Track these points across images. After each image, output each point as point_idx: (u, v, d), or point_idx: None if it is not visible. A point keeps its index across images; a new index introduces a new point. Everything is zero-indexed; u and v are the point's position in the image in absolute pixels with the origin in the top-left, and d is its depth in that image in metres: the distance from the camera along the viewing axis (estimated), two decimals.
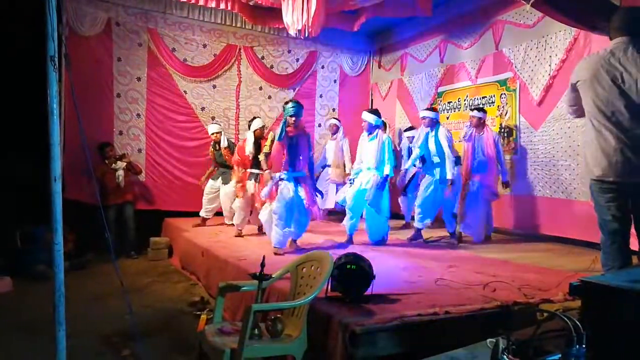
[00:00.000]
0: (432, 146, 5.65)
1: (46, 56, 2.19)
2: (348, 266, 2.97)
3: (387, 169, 5.26)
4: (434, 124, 5.70)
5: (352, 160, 6.52)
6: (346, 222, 5.45)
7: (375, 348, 2.50)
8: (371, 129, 5.42)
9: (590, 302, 1.27)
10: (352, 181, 5.48)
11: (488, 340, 1.12)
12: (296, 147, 4.84)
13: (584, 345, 1.13)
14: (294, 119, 4.82)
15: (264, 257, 2.71)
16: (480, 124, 5.64)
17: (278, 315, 2.69)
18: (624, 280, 1.21)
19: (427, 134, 5.72)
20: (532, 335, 1.26)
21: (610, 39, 2.86)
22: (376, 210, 5.27)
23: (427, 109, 6.10)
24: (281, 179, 4.79)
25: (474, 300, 3.02)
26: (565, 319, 1.20)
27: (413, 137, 6.43)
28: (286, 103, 5.02)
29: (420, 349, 2.51)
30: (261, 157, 5.22)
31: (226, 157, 6.56)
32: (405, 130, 7.18)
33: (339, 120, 7.55)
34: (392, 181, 6.12)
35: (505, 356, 1.20)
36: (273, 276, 2.86)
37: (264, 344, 2.49)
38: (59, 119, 6.11)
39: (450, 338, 2.51)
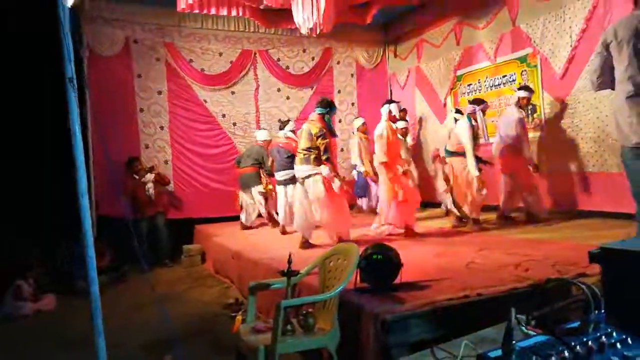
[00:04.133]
0: None
1: (65, 78, 2.27)
2: (375, 256, 2.96)
3: None
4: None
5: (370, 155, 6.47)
6: None
7: (408, 335, 2.49)
8: None
9: (609, 268, 1.24)
10: None
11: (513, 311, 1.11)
12: None
13: (603, 311, 1.10)
14: None
15: (290, 254, 2.74)
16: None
17: (309, 310, 2.71)
18: None
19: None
20: (552, 306, 1.24)
21: (638, 4, 2.77)
22: None
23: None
24: None
25: (506, 281, 2.96)
26: (583, 286, 1.17)
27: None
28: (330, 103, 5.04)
29: (453, 333, 2.49)
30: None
31: None
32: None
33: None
34: None
35: (524, 327, 1.19)
36: (301, 272, 2.88)
37: (297, 339, 2.52)
38: (87, 138, 6.32)
39: (483, 320, 2.48)
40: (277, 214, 6.48)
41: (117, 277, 5.89)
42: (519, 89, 5.76)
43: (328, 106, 4.95)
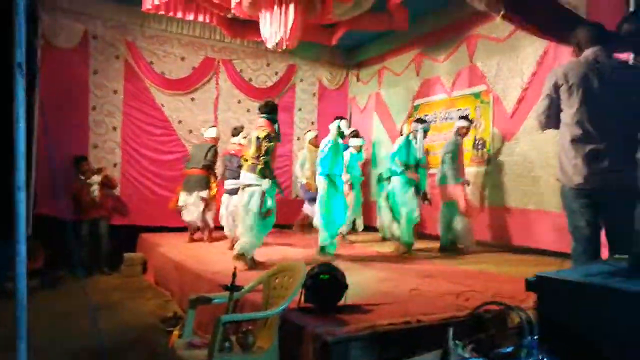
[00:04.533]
0: None
1: (13, 63, 2.15)
2: (321, 276, 2.96)
3: None
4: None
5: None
6: None
7: (348, 358, 2.47)
8: None
9: (544, 296, 1.29)
10: None
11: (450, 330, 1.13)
12: None
13: (536, 337, 1.14)
14: None
15: (235, 268, 2.69)
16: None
17: (250, 327, 2.64)
18: (578, 275, 1.23)
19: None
20: (488, 332, 1.27)
21: (582, 49, 2.95)
22: None
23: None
24: None
25: (446, 309, 3.02)
26: (518, 311, 1.21)
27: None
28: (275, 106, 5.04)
29: (393, 357, 2.50)
30: None
31: None
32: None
33: None
34: None
35: (460, 352, 1.21)
36: (245, 287, 2.82)
37: (234, 357, 2.45)
38: (33, 131, 5.98)
39: (423, 346, 2.51)
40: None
41: (50, 281, 5.55)
42: (460, 118, 6.06)
43: (274, 110, 4.93)
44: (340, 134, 5.47)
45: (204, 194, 6.35)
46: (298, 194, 7.73)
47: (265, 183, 4.63)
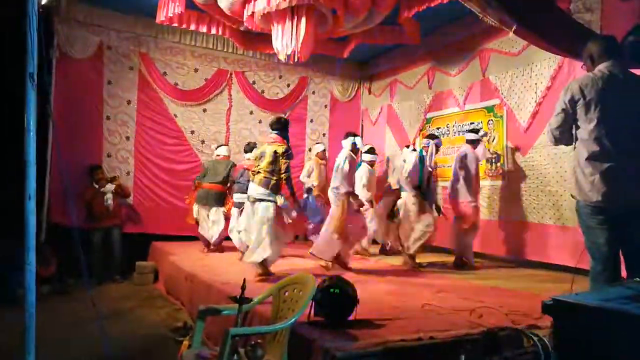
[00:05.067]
0: None
1: (25, 74, 2.18)
2: (332, 290, 2.92)
3: None
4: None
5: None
6: None
7: None
8: None
9: (561, 320, 1.25)
10: None
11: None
12: None
13: None
14: None
15: (244, 280, 2.66)
16: None
17: (259, 341, 2.61)
18: (596, 299, 1.19)
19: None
20: (502, 355, 1.23)
21: (595, 63, 2.91)
22: None
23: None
24: None
25: (459, 326, 2.96)
26: (533, 337, 1.17)
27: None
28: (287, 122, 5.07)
29: None
30: None
31: None
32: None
33: None
34: None
35: None
36: (254, 300, 2.79)
37: None
38: (47, 140, 6.06)
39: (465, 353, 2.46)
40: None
41: (61, 289, 5.58)
42: (467, 131, 6.05)
43: (286, 127, 4.96)
44: (355, 151, 5.50)
45: (224, 209, 6.42)
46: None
47: (279, 199, 4.70)
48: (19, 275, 5.15)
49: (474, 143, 5.88)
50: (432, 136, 5.93)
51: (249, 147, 6.49)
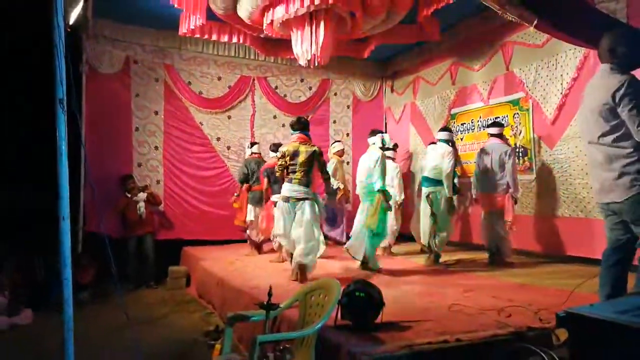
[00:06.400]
0: None
1: (55, 99, 2.30)
2: (357, 293, 2.95)
3: None
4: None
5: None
6: None
7: None
8: None
9: (576, 333, 1.24)
10: None
11: None
12: None
13: None
14: None
15: (270, 287, 2.72)
16: None
17: (287, 346, 2.67)
18: (611, 312, 1.18)
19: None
20: None
21: (617, 54, 2.89)
22: None
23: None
24: None
25: (487, 327, 2.95)
26: (542, 353, 1.18)
27: None
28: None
29: None
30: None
31: None
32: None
33: None
34: None
35: None
36: (281, 306, 2.85)
37: None
38: (80, 153, 6.28)
39: None
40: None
41: (99, 295, 5.80)
42: (488, 126, 5.92)
43: (307, 126, 5.04)
44: (383, 148, 5.47)
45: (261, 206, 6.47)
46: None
47: (317, 196, 4.85)
48: (57, 283, 5.41)
49: (499, 137, 5.74)
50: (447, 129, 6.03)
51: (275, 147, 6.47)
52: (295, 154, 4.79)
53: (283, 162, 4.83)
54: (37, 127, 6.12)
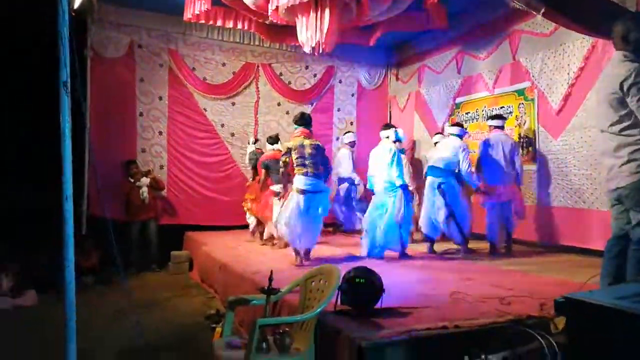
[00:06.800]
0: None
1: (60, 81, 2.30)
2: (357, 280, 2.97)
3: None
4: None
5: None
6: None
7: None
8: None
9: (574, 319, 1.25)
10: None
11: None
12: None
13: None
14: None
15: (271, 272, 2.74)
16: None
17: (287, 329, 2.70)
18: (609, 298, 1.18)
19: None
20: (513, 350, 1.24)
21: (630, 42, 2.88)
22: None
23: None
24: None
25: (487, 314, 2.96)
26: (539, 337, 1.18)
27: None
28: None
29: None
30: None
31: None
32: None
33: None
34: None
35: None
36: (282, 290, 2.88)
37: (271, 358, 2.51)
38: (85, 137, 6.30)
39: (459, 353, 2.48)
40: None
41: (103, 279, 5.85)
42: (490, 118, 5.91)
43: (310, 122, 5.21)
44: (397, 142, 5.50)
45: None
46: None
47: (328, 187, 5.15)
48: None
49: (502, 129, 5.72)
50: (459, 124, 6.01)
51: (273, 139, 6.49)
52: (302, 148, 4.93)
53: (288, 158, 5.00)
54: (38, 126, 6.17)
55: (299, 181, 4.93)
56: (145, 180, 6.74)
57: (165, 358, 3.51)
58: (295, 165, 4.97)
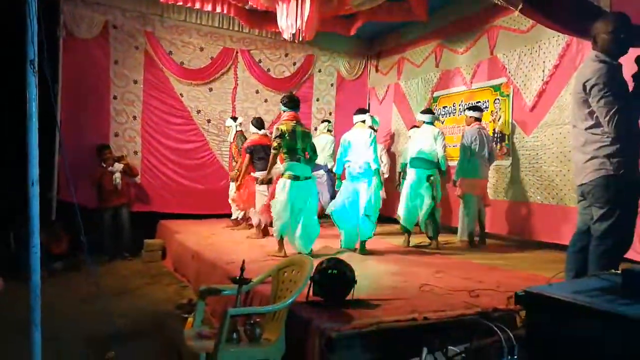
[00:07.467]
0: None
1: (26, 60, 2.22)
2: (329, 271, 2.98)
3: None
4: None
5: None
6: None
7: (352, 353, 2.50)
8: None
9: (533, 312, 1.28)
10: None
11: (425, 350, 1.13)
12: None
13: (515, 357, 1.14)
14: None
15: (243, 262, 2.73)
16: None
17: (257, 320, 2.69)
18: (567, 291, 1.22)
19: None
20: (472, 344, 1.27)
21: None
22: None
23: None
24: None
25: (455, 307, 3.01)
26: (498, 330, 1.21)
27: None
28: None
29: (397, 355, 2.52)
30: None
31: None
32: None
33: None
34: None
35: None
36: (253, 280, 2.86)
37: (241, 348, 2.50)
38: (55, 120, 6.10)
39: (427, 345, 2.52)
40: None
41: (73, 265, 5.73)
42: (468, 109, 6.00)
43: (299, 105, 5.03)
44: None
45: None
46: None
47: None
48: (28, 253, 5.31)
49: (479, 121, 5.83)
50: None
51: (259, 124, 6.34)
52: (293, 133, 4.69)
53: (279, 142, 4.69)
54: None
55: (291, 167, 4.73)
56: (118, 166, 6.60)
57: (134, 347, 3.47)
58: (285, 150, 4.73)
